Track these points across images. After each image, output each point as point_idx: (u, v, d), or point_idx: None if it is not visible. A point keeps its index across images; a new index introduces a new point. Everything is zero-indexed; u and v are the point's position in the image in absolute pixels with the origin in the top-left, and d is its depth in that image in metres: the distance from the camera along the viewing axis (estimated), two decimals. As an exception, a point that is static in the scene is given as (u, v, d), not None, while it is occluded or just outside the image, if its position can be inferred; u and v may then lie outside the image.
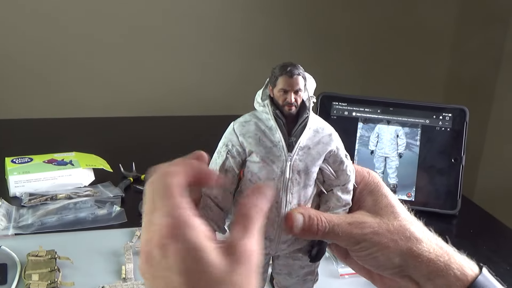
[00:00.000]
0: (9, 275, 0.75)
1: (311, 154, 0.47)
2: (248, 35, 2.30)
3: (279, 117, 0.45)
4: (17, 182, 0.99)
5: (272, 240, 0.48)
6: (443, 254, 0.49)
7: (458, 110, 1.04)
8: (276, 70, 0.45)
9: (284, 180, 0.46)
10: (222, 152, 0.47)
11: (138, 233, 0.86)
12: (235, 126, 0.47)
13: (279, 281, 0.53)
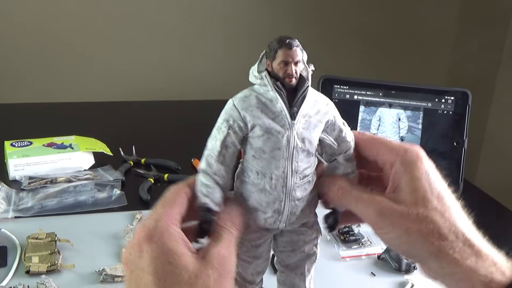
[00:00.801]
0: (9, 257, 0.74)
1: (312, 122, 0.47)
2: (248, 21, 2.30)
3: (280, 88, 0.45)
4: (16, 166, 0.99)
5: (280, 212, 0.47)
6: (470, 256, 0.44)
7: (461, 93, 1.03)
8: (274, 43, 0.45)
9: (289, 149, 0.46)
10: (223, 128, 0.46)
11: (138, 216, 0.86)
12: (235, 102, 0.46)
13: (282, 260, 0.53)
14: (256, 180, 0.47)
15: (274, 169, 0.46)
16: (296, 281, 0.53)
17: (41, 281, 0.68)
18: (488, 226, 0.96)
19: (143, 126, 1.33)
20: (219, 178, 0.46)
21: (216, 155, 0.46)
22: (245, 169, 0.48)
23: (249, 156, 0.47)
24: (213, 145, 0.46)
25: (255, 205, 0.48)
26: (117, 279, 0.70)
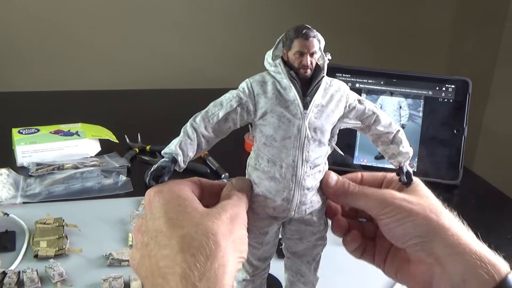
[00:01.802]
0: (17, 242, 0.74)
1: (326, 112, 0.46)
2: (250, 13, 2.29)
3: (294, 78, 0.44)
4: (24, 152, 0.98)
5: (289, 201, 0.47)
6: (477, 244, 0.45)
7: (461, 82, 1.02)
8: (291, 32, 0.44)
9: (300, 138, 0.45)
10: (232, 102, 0.45)
11: (143, 202, 0.86)
12: (253, 84, 0.45)
13: (289, 246, 0.52)
14: (266, 167, 0.47)
15: (284, 157, 0.46)
16: (302, 268, 0.53)
17: (49, 265, 0.67)
18: (486, 211, 0.97)
19: (148, 114, 1.32)
20: (203, 141, 0.46)
21: (214, 121, 0.45)
22: (257, 156, 0.48)
23: (260, 143, 0.47)
24: (215, 111, 0.45)
25: (265, 192, 0.47)
26: (123, 263, 0.70)
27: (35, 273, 0.66)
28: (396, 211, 0.46)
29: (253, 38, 2.28)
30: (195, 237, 0.39)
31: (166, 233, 0.40)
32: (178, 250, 0.38)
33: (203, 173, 0.98)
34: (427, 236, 0.45)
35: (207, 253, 0.38)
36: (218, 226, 0.40)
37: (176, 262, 0.38)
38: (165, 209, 0.41)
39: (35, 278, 0.65)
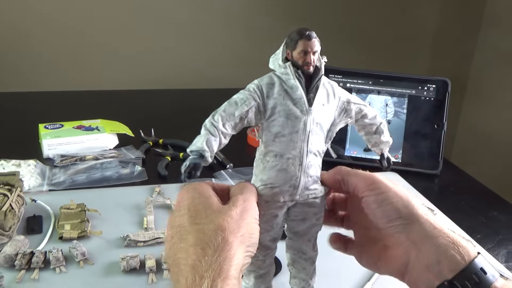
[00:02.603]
0: (44, 225, 0.74)
1: (325, 109, 0.47)
2: (251, 19, 2.29)
3: (300, 76, 0.45)
4: (50, 145, 0.98)
5: (296, 186, 0.48)
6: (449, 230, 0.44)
7: (441, 82, 1.02)
8: (294, 34, 0.45)
9: (306, 132, 0.46)
10: (247, 102, 0.45)
11: (157, 190, 0.85)
12: (263, 86, 0.46)
13: (292, 227, 0.52)
14: (274, 162, 0.47)
15: (291, 149, 0.47)
16: (303, 246, 0.53)
17: (72, 246, 0.67)
18: (463, 197, 0.97)
19: (161, 111, 1.32)
20: (223, 137, 0.46)
21: (231, 120, 0.45)
22: (263, 155, 0.48)
23: (269, 141, 0.47)
24: (231, 110, 0.45)
25: (274, 184, 0.48)
26: (139, 244, 0.70)
27: (60, 253, 0.65)
28: (383, 189, 0.46)
29: (253, 45, 2.28)
30: (206, 232, 0.40)
31: (186, 228, 0.41)
32: (192, 243, 0.40)
33: (210, 164, 0.97)
34: (408, 219, 0.45)
35: (215, 247, 0.39)
36: (227, 222, 0.41)
37: (188, 254, 0.39)
38: (188, 207, 0.43)
39: (60, 257, 0.65)
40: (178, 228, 0.42)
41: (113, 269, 0.65)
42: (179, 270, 0.39)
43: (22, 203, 0.75)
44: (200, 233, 0.40)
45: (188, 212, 0.42)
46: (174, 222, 0.43)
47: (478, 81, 2.46)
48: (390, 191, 0.46)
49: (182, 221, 0.42)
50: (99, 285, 0.62)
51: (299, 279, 0.55)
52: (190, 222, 0.42)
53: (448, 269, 0.42)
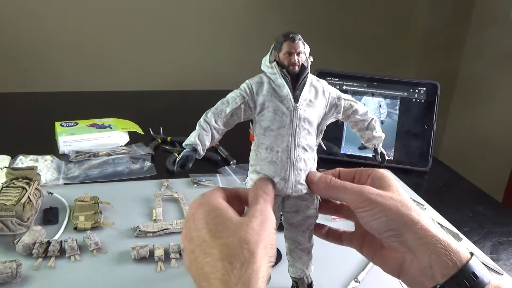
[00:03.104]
0: (60, 216, 0.74)
1: (312, 106, 0.47)
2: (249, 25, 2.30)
3: (286, 75, 0.46)
4: (65, 142, 0.98)
5: (286, 179, 0.47)
6: (442, 235, 0.44)
7: (431, 85, 1.01)
8: (280, 37, 0.46)
9: (292, 127, 0.46)
10: (237, 100, 0.46)
11: (165, 184, 0.85)
12: (252, 85, 0.47)
13: (288, 219, 0.52)
14: (265, 154, 0.47)
15: (280, 143, 0.47)
16: (299, 237, 0.53)
17: (86, 236, 0.67)
18: (451, 193, 0.96)
19: (169, 111, 1.32)
20: (215, 132, 0.46)
21: (223, 116, 0.46)
22: (257, 147, 0.48)
23: (260, 134, 0.47)
24: (222, 108, 0.46)
25: (267, 174, 0.48)
26: (148, 234, 0.70)
27: (75, 242, 0.65)
28: (372, 205, 0.45)
29: (255, 51, 2.27)
30: (231, 246, 0.39)
31: (209, 242, 0.40)
32: (218, 258, 0.38)
33: (215, 160, 0.97)
34: (399, 229, 0.44)
35: (242, 260, 0.38)
36: (250, 235, 0.40)
37: (217, 268, 0.38)
38: (206, 221, 0.41)
39: (74, 246, 0.65)
40: (198, 241, 0.41)
41: (124, 257, 0.65)
42: (208, 284, 0.38)
43: (40, 195, 0.75)
44: (225, 247, 0.39)
45: (207, 226, 0.41)
46: (191, 235, 0.42)
47: (465, 85, 2.46)
48: (379, 206, 0.44)
49: (202, 235, 0.41)
50: (111, 272, 0.62)
51: (296, 268, 0.55)
52: (211, 236, 0.40)
53: (440, 274, 0.41)
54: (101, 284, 0.60)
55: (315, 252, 0.55)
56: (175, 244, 0.67)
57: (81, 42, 2.13)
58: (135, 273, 0.62)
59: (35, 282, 0.59)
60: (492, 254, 0.72)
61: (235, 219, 0.41)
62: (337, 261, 0.66)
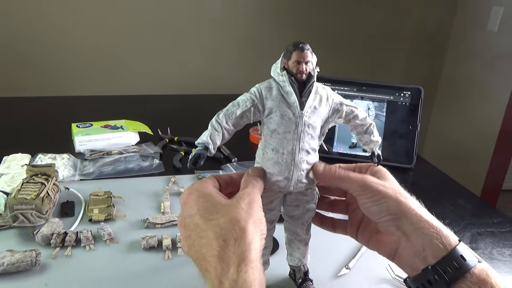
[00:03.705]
0: (76, 209, 0.74)
1: (316, 113, 0.46)
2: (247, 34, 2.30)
3: (294, 82, 0.45)
4: (81, 142, 0.98)
5: (289, 179, 0.47)
6: (434, 221, 0.44)
7: (415, 89, 1.01)
8: (290, 46, 0.45)
9: (297, 132, 0.45)
10: (247, 103, 0.45)
11: (172, 180, 0.85)
12: (262, 89, 0.46)
13: (288, 212, 0.52)
14: (271, 155, 0.47)
15: (285, 146, 0.46)
16: (297, 229, 0.53)
17: (100, 227, 0.67)
18: (433, 187, 0.96)
19: (176, 113, 1.32)
20: (226, 132, 0.46)
21: (233, 117, 0.45)
22: (264, 147, 0.48)
23: (267, 136, 0.47)
24: (233, 109, 0.45)
25: (271, 174, 0.47)
26: (157, 226, 0.70)
27: (90, 233, 0.65)
28: (374, 193, 0.45)
29: (256, 58, 2.28)
30: (223, 226, 0.39)
31: (202, 226, 0.40)
32: (213, 237, 0.38)
33: (218, 158, 0.97)
34: (397, 214, 0.44)
35: (235, 237, 0.38)
36: (239, 214, 0.39)
37: (212, 247, 0.38)
38: (197, 207, 0.41)
39: (89, 236, 0.65)
40: (193, 227, 0.41)
41: (134, 247, 0.65)
42: (206, 262, 0.38)
43: (57, 190, 0.75)
44: (217, 228, 0.39)
45: (198, 212, 0.41)
46: (186, 222, 0.42)
47: (446, 89, 2.47)
48: (380, 193, 0.45)
49: (196, 220, 0.41)
50: (122, 261, 0.62)
51: (294, 257, 0.55)
52: (203, 220, 0.40)
53: (432, 256, 0.41)
54: (114, 271, 0.60)
55: (311, 243, 0.55)
56: (182, 234, 0.67)
57: (96, 52, 2.14)
58: (145, 261, 0.62)
59: (53, 269, 0.59)
60: (471, 244, 0.72)
61: (224, 201, 0.42)
62: (330, 251, 0.66)
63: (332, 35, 2.40)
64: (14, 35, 2.02)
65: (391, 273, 0.61)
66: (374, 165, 0.50)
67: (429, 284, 0.41)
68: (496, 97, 2.13)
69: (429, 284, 0.41)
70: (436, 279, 0.40)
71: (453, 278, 0.40)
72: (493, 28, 2.14)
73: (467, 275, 0.40)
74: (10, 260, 0.57)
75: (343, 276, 0.61)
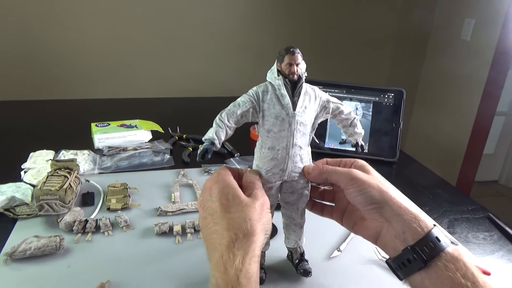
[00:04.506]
0: (95, 199, 0.73)
1: (306, 112, 0.46)
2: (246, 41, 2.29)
3: (287, 83, 0.45)
4: (99, 139, 0.97)
5: (284, 170, 0.48)
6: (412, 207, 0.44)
7: (398, 91, 1.01)
8: (282, 51, 0.45)
9: (291, 130, 0.46)
10: (246, 104, 0.45)
11: (182, 172, 0.85)
12: (259, 92, 0.46)
13: (284, 198, 0.52)
14: (267, 153, 0.47)
15: (280, 143, 0.46)
16: (293, 214, 0.53)
17: (117, 215, 0.67)
18: (416, 180, 0.96)
19: (184, 113, 1.31)
20: (228, 129, 0.46)
21: (234, 116, 0.45)
22: (261, 147, 0.48)
23: (264, 136, 0.47)
24: (234, 109, 0.46)
25: (268, 168, 0.48)
26: (168, 214, 0.69)
27: (108, 220, 0.65)
28: (359, 183, 0.45)
29: (255, 62, 2.27)
30: (237, 221, 0.40)
31: (219, 214, 0.41)
32: (225, 228, 0.39)
33: (222, 153, 0.97)
34: (380, 203, 0.44)
35: (245, 232, 0.39)
36: (252, 214, 0.40)
37: (223, 236, 0.39)
38: (220, 196, 0.42)
39: (108, 223, 0.64)
40: (211, 211, 0.42)
41: (148, 232, 0.65)
42: (214, 248, 0.39)
43: (79, 182, 0.74)
44: (232, 221, 0.40)
45: (219, 200, 0.42)
46: (206, 204, 0.43)
47: (425, 91, 2.46)
48: (365, 184, 0.45)
49: (214, 207, 0.41)
50: (138, 245, 0.62)
51: (290, 239, 0.55)
52: (221, 209, 0.41)
53: (411, 238, 0.41)
54: (130, 254, 0.59)
55: (306, 228, 0.55)
56: (190, 221, 0.66)
57: (111, 60, 2.13)
58: (157, 245, 0.62)
59: (75, 253, 0.59)
60: (449, 228, 0.72)
61: (243, 198, 0.42)
62: (323, 235, 0.65)
63: (324, 43, 2.39)
64: (40, 47, 2.03)
65: (377, 254, 0.61)
66: (357, 160, 0.50)
67: (408, 262, 0.41)
68: (469, 99, 2.13)
69: (408, 263, 0.41)
70: (414, 258, 0.40)
71: (430, 257, 0.40)
72: (466, 38, 2.13)
73: (442, 254, 0.40)
74: (37, 245, 0.57)
75: (335, 258, 0.61)
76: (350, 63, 2.46)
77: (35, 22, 1.98)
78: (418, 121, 2.48)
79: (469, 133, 2.14)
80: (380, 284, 0.56)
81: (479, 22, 2.07)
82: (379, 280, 0.57)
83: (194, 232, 0.65)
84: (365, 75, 2.53)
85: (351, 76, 2.39)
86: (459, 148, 2.19)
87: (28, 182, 0.76)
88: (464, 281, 0.37)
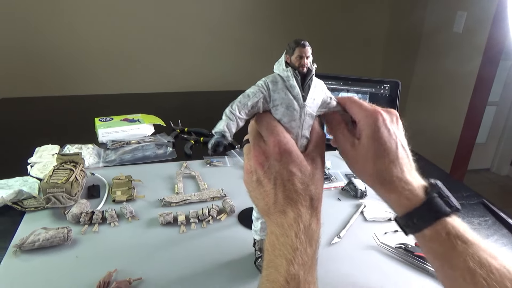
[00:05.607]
0: (101, 192, 0.73)
1: (315, 103, 0.46)
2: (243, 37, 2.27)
3: (297, 75, 0.44)
4: (103, 133, 0.96)
5: None
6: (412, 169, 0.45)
7: (394, 82, 1.00)
8: (292, 43, 0.44)
9: (300, 121, 0.45)
10: (257, 95, 0.44)
11: (184, 165, 0.84)
12: (269, 82, 0.44)
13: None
14: None
15: (290, 133, 0.45)
16: None
17: (123, 206, 0.66)
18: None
19: (186, 107, 1.30)
20: (239, 121, 0.44)
21: (245, 108, 0.43)
22: None
23: None
24: (245, 101, 0.44)
25: None
26: (172, 204, 0.69)
27: (114, 212, 0.64)
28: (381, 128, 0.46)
29: (252, 57, 2.26)
30: (313, 192, 0.41)
31: (297, 185, 0.41)
32: (305, 194, 0.41)
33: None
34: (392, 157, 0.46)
35: (317, 197, 0.41)
36: (320, 185, 0.42)
37: (304, 198, 0.40)
38: (298, 167, 0.41)
39: (113, 215, 0.64)
40: (287, 176, 0.41)
41: (153, 223, 0.64)
42: (288, 206, 0.40)
43: (84, 175, 0.74)
44: (309, 192, 0.41)
45: (299, 171, 0.41)
46: (275, 167, 0.41)
47: (419, 82, 2.45)
48: (385, 132, 0.44)
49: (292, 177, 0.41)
50: (143, 235, 0.62)
51: None
52: (301, 183, 0.41)
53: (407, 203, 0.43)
54: (136, 244, 0.59)
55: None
56: (194, 211, 0.66)
57: (112, 56, 2.12)
58: (162, 234, 0.62)
59: (83, 243, 0.59)
60: (444, 214, 0.72)
61: (310, 169, 0.42)
62: (324, 222, 0.65)
63: (321, 39, 2.38)
64: (46, 46, 2.01)
65: (376, 241, 0.61)
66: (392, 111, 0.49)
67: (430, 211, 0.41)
68: (461, 90, 2.13)
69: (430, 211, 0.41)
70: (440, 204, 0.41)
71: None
72: (458, 30, 2.12)
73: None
74: (45, 236, 0.56)
75: (335, 244, 0.61)
76: (345, 59, 2.45)
77: (40, 20, 1.96)
78: (413, 112, 2.48)
79: (462, 124, 2.13)
80: (379, 268, 0.56)
81: (471, 15, 2.06)
82: (378, 265, 0.56)
83: (197, 221, 0.64)
84: (360, 69, 2.52)
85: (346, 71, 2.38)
86: (452, 138, 2.19)
87: (35, 176, 0.76)
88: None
